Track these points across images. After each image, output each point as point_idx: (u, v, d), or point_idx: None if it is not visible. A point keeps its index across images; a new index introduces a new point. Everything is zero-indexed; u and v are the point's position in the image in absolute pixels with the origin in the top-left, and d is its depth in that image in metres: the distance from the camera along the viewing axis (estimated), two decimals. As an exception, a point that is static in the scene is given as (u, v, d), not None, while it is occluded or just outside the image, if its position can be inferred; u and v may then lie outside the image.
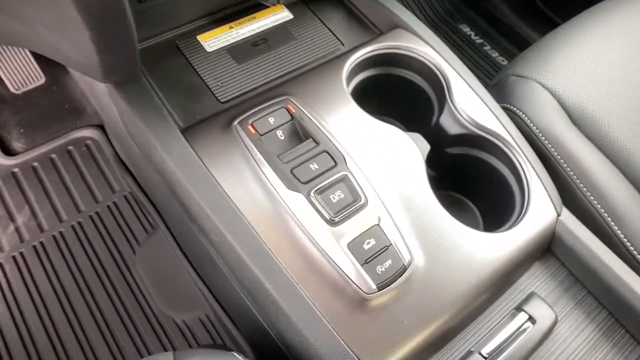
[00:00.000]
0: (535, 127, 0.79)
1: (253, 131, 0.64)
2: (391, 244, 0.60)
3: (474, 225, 0.76)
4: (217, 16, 0.83)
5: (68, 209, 1.26)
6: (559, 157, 0.78)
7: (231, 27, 0.82)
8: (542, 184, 0.72)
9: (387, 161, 0.67)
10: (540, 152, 0.79)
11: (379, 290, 0.58)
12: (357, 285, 0.57)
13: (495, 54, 1.70)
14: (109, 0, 0.49)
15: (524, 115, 0.81)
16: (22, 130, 1.37)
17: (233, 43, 0.80)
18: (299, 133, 0.66)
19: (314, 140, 0.65)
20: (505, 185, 0.75)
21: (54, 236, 1.22)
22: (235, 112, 0.68)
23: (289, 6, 0.86)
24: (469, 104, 0.75)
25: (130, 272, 1.18)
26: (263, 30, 0.82)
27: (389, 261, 0.59)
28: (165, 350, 1.09)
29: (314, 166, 0.62)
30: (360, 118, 0.70)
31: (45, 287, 1.15)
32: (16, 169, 1.32)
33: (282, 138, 0.65)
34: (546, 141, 0.79)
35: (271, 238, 0.59)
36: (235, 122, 0.65)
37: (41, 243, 1.21)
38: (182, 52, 0.78)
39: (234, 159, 0.63)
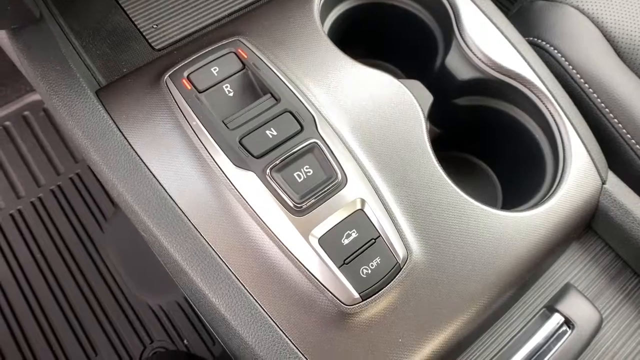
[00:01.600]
0: (571, 66, 0.61)
1: (189, 87, 0.47)
2: (380, 236, 0.43)
3: (491, 199, 0.59)
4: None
5: (26, 183, 1.11)
6: (602, 105, 0.60)
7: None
8: (582, 141, 0.55)
9: (374, 120, 0.50)
10: (579, 98, 0.61)
11: (363, 300, 0.42)
12: (333, 295, 0.42)
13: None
14: None
15: (555, 51, 0.62)
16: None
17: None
18: (255, 87, 0.49)
19: (272, 96, 0.47)
20: (532, 145, 0.58)
21: (11, 215, 1.08)
22: (169, 62, 0.51)
23: None
24: (484, 37, 0.56)
25: (99, 253, 1.04)
26: (213, -47, 0.63)
27: (377, 259, 0.43)
28: (141, 340, 0.97)
29: (271, 132, 0.45)
30: (339, 63, 0.52)
31: (2, 271, 1.02)
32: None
33: (231, 95, 0.48)
34: (586, 84, 0.60)
35: (214, 234, 0.43)
36: (166, 75, 0.48)
37: (11, 217, 1.07)
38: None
39: (162, 127, 0.47)
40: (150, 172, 0.45)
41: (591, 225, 0.57)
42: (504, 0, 1.27)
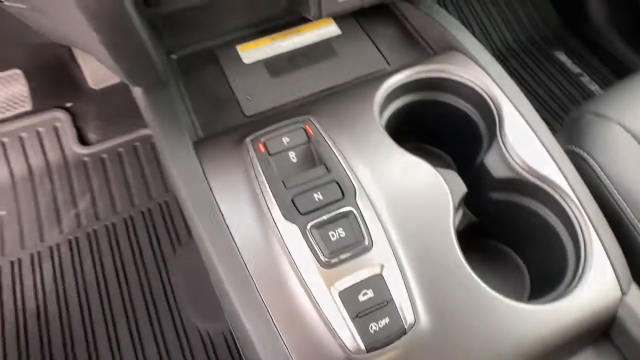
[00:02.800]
0: (606, 178, 0.66)
1: (263, 150, 0.60)
2: (392, 300, 0.51)
3: (516, 286, 0.64)
4: (262, 27, 0.80)
5: (124, 201, 1.31)
6: (633, 217, 0.64)
7: (273, 39, 0.78)
8: (605, 250, 0.59)
9: (407, 201, 0.58)
10: (610, 209, 0.65)
11: (367, 352, 0.49)
12: (342, 342, 0.50)
13: (594, 87, 1.50)
14: (112, 7, 0.47)
15: (593, 162, 0.67)
16: (98, 123, 1.45)
17: (271, 56, 0.76)
18: (314, 157, 0.60)
19: (325, 167, 0.58)
20: (558, 245, 0.63)
21: (106, 226, 1.27)
22: (254, 128, 0.64)
23: (338, 21, 0.80)
24: (522, 142, 0.64)
25: (167, 273, 1.19)
26: (305, 45, 0.78)
27: (386, 319, 0.50)
28: (185, 358, 1.07)
29: (318, 196, 0.55)
30: (387, 149, 0.62)
31: (89, 275, 1.19)
32: (87, 158, 1.40)
33: (295, 161, 0.60)
34: (619, 196, 0.65)
35: (259, 271, 0.54)
36: (248, 138, 0.61)
37: (94, 231, 1.27)
38: (219, 62, 0.76)
39: (237, 178, 0.59)
40: (221, 212, 0.57)
41: (608, 333, 0.60)
42: (557, 108, 1.33)
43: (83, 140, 1.43)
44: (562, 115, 1.39)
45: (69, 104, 1.43)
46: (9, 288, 1.18)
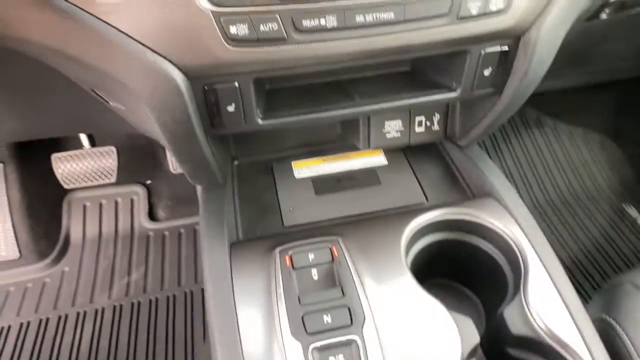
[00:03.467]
0: (635, 353, 0.62)
1: (288, 263, 0.64)
2: None
3: None
4: (317, 148, 0.89)
5: (172, 279, 1.39)
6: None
7: (324, 160, 0.86)
8: None
9: (416, 341, 0.59)
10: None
11: None
12: None
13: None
14: (181, 126, 0.57)
15: (624, 334, 0.64)
16: (169, 203, 1.60)
17: (320, 175, 0.84)
18: (334, 277, 0.64)
19: (342, 290, 0.61)
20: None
21: (150, 300, 1.34)
22: (287, 239, 0.69)
23: (387, 152, 0.88)
24: (545, 302, 0.63)
25: (194, 358, 1.21)
26: (352, 170, 0.85)
27: None
28: None
29: (327, 318, 0.58)
30: (405, 285, 0.64)
31: (123, 343, 1.25)
32: (151, 233, 1.53)
33: (315, 278, 0.64)
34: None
35: None
36: (278, 249, 0.66)
37: (139, 302, 1.34)
38: (273, 172, 0.85)
39: (259, 285, 0.64)
40: (237, 314, 0.61)
41: None
42: (597, 277, 1.26)
43: (152, 216, 1.58)
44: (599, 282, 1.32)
45: (148, 182, 1.60)
46: (49, 341, 1.26)
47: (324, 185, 0.82)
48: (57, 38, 0.52)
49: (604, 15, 0.73)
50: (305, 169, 0.85)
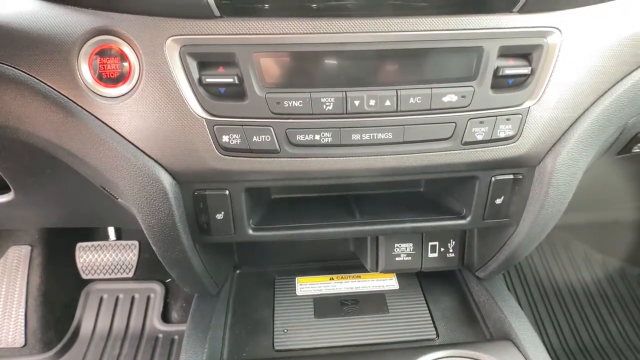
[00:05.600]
0: None
1: None
2: None
3: None
4: (327, 264, 0.84)
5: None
6: None
7: (331, 279, 0.81)
8: None
9: None
10: None
11: None
12: None
13: None
14: (166, 230, 0.55)
15: None
16: (183, 304, 1.55)
17: (324, 294, 0.78)
18: None
19: None
20: None
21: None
22: None
23: (400, 275, 0.81)
24: None
25: None
26: (360, 292, 0.78)
27: None
28: None
29: None
30: None
31: None
32: (160, 335, 1.46)
33: None
34: None
35: None
36: None
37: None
38: (274, 286, 0.79)
39: None
40: None
41: None
42: None
43: (166, 316, 1.52)
44: None
45: (167, 280, 1.57)
46: None
47: (326, 307, 0.75)
48: (57, 133, 0.53)
49: (637, 149, 0.68)
50: (309, 286, 0.79)
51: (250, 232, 0.58)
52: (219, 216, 0.55)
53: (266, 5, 0.47)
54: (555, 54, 0.51)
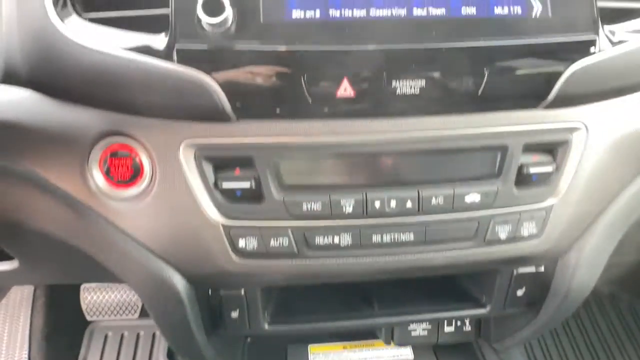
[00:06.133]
0: None
1: None
2: None
3: None
4: (344, 330, 0.82)
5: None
6: None
7: (345, 347, 0.79)
8: None
9: None
10: None
11: None
12: None
13: None
14: (180, 330, 0.53)
15: None
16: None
17: (337, 365, 0.76)
18: None
19: None
20: None
21: None
22: None
23: (416, 347, 0.79)
24: None
25: None
26: (374, 364, 0.76)
27: None
28: None
29: None
30: None
31: None
32: (164, 375, 1.44)
33: None
34: None
35: None
36: None
37: None
38: (286, 356, 0.78)
39: None
40: None
41: None
42: None
43: (171, 353, 1.50)
44: None
45: (172, 317, 1.55)
46: None
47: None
48: (67, 232, 0.52)
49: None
50: (322, 355, 0.78)
51: (266, 326, 0.57)
52: (234, 314, 0.54)
53: (282, 109, 0.45)
54: (581, 149, 0.50)
